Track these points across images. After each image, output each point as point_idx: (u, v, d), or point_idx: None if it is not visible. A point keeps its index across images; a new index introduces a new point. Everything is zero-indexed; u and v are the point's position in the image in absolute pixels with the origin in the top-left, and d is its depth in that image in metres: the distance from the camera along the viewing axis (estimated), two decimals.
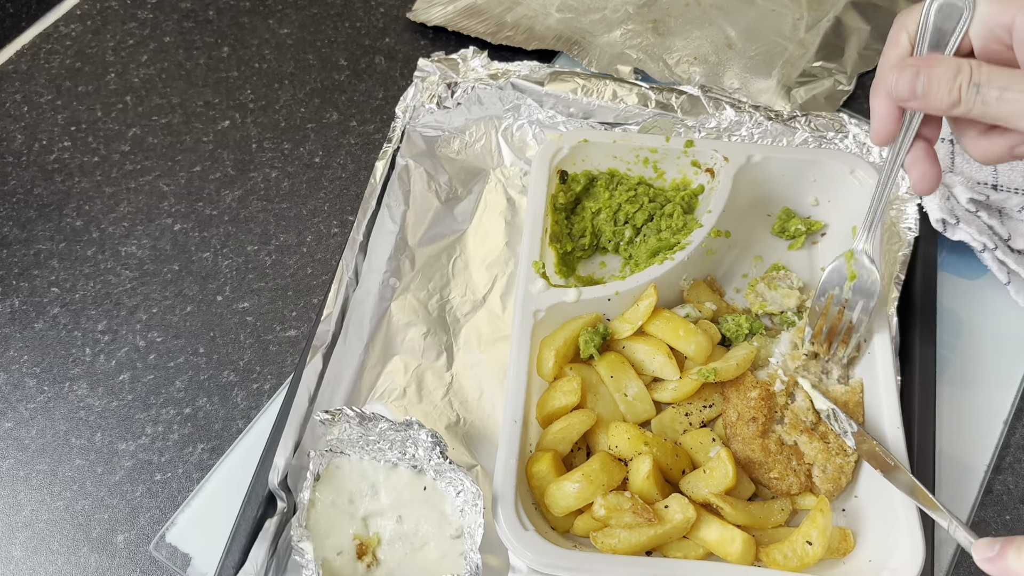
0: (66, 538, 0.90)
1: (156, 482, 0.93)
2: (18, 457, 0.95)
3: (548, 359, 0.90)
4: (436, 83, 1.13)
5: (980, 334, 1.01)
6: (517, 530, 0.79)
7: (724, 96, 1.11)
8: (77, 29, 1.31)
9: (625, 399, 0.90)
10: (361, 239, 1.00)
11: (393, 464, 0.85)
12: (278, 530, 0.84)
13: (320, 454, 0.85)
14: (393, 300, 1.00)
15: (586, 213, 1.05)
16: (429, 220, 1.06)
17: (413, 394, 0.94)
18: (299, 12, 1.34)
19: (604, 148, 1.05)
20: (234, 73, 1.27)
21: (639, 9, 1.31)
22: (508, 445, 0.84)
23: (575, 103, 1.12)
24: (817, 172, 1.02)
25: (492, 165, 1.12)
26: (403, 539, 0.83)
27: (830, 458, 0.86)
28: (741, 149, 1.02)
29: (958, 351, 1.00)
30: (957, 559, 0.88)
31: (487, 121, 1.13)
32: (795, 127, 1.09)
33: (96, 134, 1.20)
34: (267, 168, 1.17)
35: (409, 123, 1.11)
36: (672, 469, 0.86)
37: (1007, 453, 0.94)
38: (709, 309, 0.97)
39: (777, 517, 0.84)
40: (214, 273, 1.08)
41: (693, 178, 1.05)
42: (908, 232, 1.00)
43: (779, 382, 0.89)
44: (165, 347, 1.02)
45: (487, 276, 1.03)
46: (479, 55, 1.15)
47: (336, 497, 0.84)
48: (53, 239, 1.10)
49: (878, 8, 1.31)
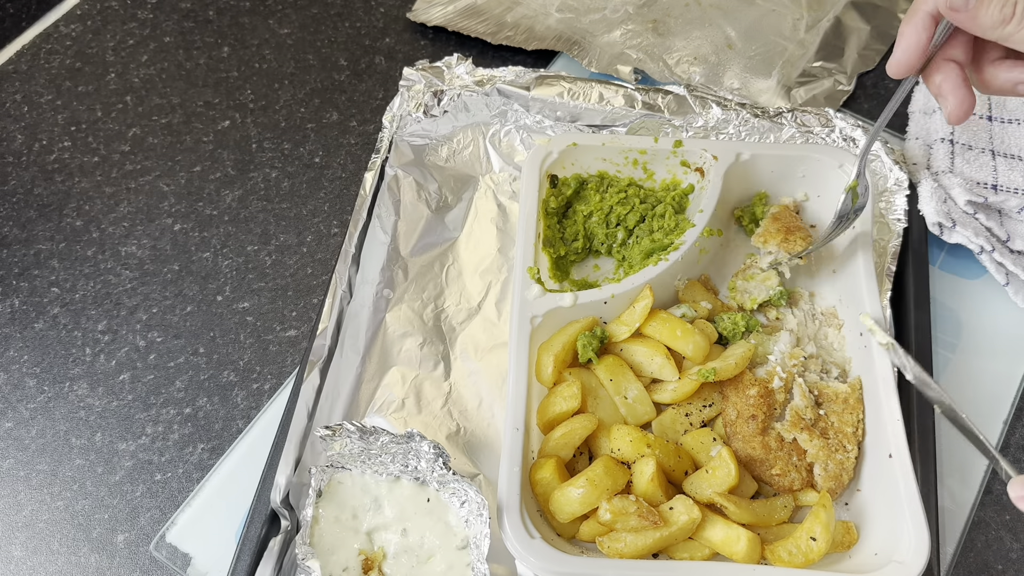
0: (66, 538, 0.90)
1: (156, 482, 0.93)
2: (18, 457, 0.95)
3: (547, 365, 0.90)
4: (422, 91, 1.12)
5: (979, 334, 1.01)
6: (523, 538, 0.78)
7: (710, 94, 1.11)
8: (77, 29, 1.31)
9: (625, 402, 0.90)
10: (353, 251, 1.00)
11: (395, 477, 0.85)
12: (282, 549, 0.83)
13: (321, 470, 0.84)
14: (388, 311, 0.99)
15: (578, 216, 1.05)
16: (420, 229, 1.06)
17: (412, 405, 0.94)
18: (299, 12, 1.34)
19: (593, 151, 1.05)
20: (234, 73, 1.27)
21: (639, 9, 1.31)
22: (510, 453, 0.83)
23: (562, 107, 1.12)
24: (805, 168, 1.02)
25: (481, 172, 1.11)
26: (408, 552, 0.82)
27: (831, 455, 0.86)
28: (730, 147, 1.02)
29: (958, 351, 1.00)
30: (962, 546, 0.88)
31: (474, 128, 1.13)
32: (781, 123, 1.10)
33: (96, 134, 1.20)
34: (267, 168, 1.17)
35: (396, 132, 1.11)
36: (675, 470, 0.86)
37: (1007, 453, 0.94)
38: (705, 308, 0.97)
39: (780, 514, 0.84)
40: (214, 273, 1.08)
41: (683, 178, 1.05)
42: (897, 223, 1.01)
43: (777, 379, 0.90)
44: (165, 347, 1.02)
45: (481, 283, 1.02)
46: (463, 61, 1.14)
47: (339, 513, 0.84)
48: (53, 239, 1.10)
49: (878, 8, 1.31)
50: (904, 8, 1.31)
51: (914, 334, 0.94)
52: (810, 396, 0.89)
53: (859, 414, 0.88)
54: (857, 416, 0.88)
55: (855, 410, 0.88)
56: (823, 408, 0.90)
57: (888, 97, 1.21)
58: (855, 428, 0.88)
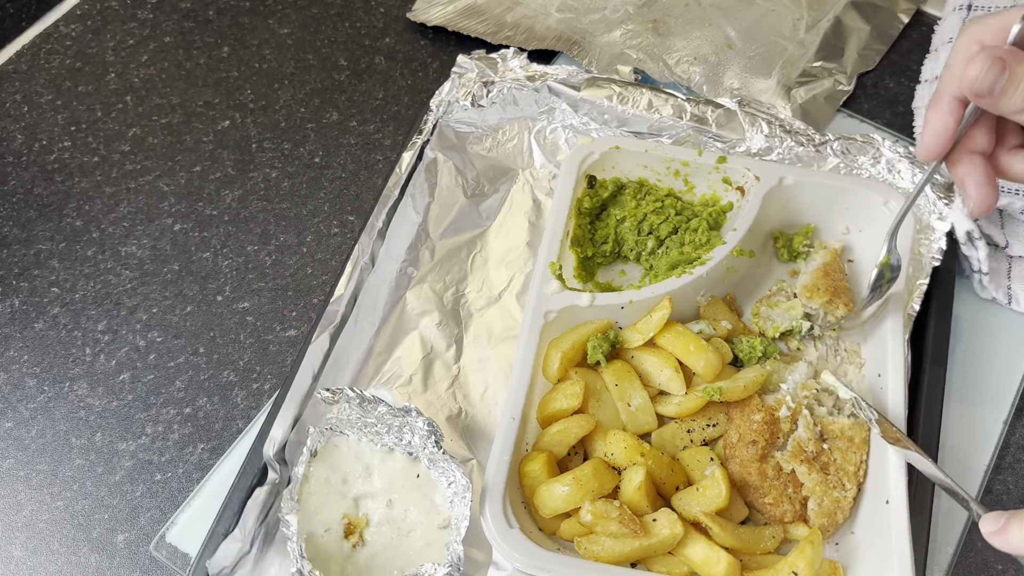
0: (66, 538, 0.90)
1: (156, 482, 0.93)
2: (18, 457, 0.95)
3: (554, 360, 0.90)
4: (473, 80, 1.13)
5: (980, 334, 1.01)
6: (502, 526, 0.79)
7: (761, 112, 1.09)
8: (77, 29, 1.31)
9: (628, 408, 0.89)
10: (380, 226, 1.01)
11: (389, 449, 0.86)
12: (268, 499, 0.86)
13: (320, 431, 0.86)
14: (409, 289, 1.01)
15: (611, 220, 1.04)
16: (454, 214, 1.07)
17: (419, 382, 0.95)
18: (299, 12, 1.34)
19: (635, 157, 1.03)
20: (234, 73, 1.27)
21: (639, 9, 1.31)
22: (503, 441, 0.84)
23: (610, 111, 1.12)
24: (850, 200, 0.99)
25: (522, 165, 1.12)
26: (391, 523, 0.84)
27: (828, 491, 0.84)
28: (774, 170, 1.00)
29: (958, 351, 1.00)
30: (962, 545, 0.88)
31: (521, 122, 1.14)
32: (827, 152, 1.06)
33: (96, 134, 1.20)
34: (267, 168, 1.17)
35: (442, 117, 1.12)
36: (666, 484, 0.85)
37: (1007, 453, 0.94)
38: (724, 328, 0.95)
39: (767, 544, 0.83)
40: (214, 273, 1.08)
41: (723, 195, 1.03)
42: (932, 261, 0.97)
43: (785, 408, 0.87)
44: (165, 347, 1.02)
45: (505, 274, 1.03)
46: (519, 56, 1.15)
47: (330, 475, 0.85)
48: (53, 239, 1.10)
49: (878, 8, 1.31)
50: (904, 8, 1.31)
51: (926, 392, 0.91)
52: (815, 429, 0.87)
53: (863, 454, 0.85)
54: (861, 456, 0.85)
55: (860, 450, 0.86)
56: (828, 443, 0.87)
57: (888, 97, 1.22)
58: (857, 468, 0.85)
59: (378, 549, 0.83)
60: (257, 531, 0.85)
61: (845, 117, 1.20)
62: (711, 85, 1.21)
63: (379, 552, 0.83)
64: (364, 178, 1.16)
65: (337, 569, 0.82)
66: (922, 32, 1.29)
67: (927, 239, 0.99)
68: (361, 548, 0.83)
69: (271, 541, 0.86)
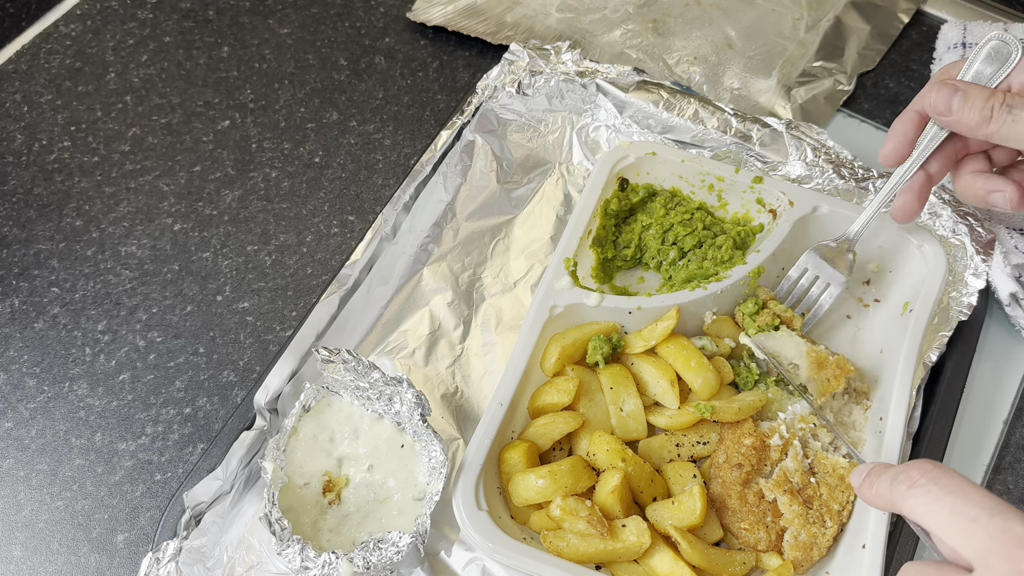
0: (66, 538, 0.90)
1: (156, 482, 0.93)
2: (18, 457, 0.95)
3: (552, 354, 0.90)
4: (523, 69, 1.13)
5: (981, 334, 1.01)
6: (470, 506, 0.80)
7: (807, 137, 1.07)
8: (77, 29, 1.31)
9: (619, 413, 0.89)
10: (407, 199, 1.03)
11: (379, 416, 0.88)
12: (255, 444, 0.89)
13: (316, 388, 0.87)
14: (427, 265, 1.03)
15: (636, 225, 1.04)
16: (483, 198, 1.08)
17: (421, 357, 0.97)
18: (299, 12, 1.34)
19: (671, 165, 1.03)
20: (234, 73, 1.27)
21: (639, 9, 1.31)
22: (487, 425, 0.85)
23: (654, 116, 1.11)
24: (884, 239, 0.97)
25: (560, 159, 1.13)
26: (369, 487, 0.86)
27: (807, 525, 0.83)
28: (810, 197, 0.98)
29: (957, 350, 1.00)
30: None
31: (565, 116, 1.14)
32: (868, 188, 1.04)
33: (96, 134, 1.20)
34: (267, 168, 1.17)
35: (486, 101, 1.12)
36: (644, 493, 0.85)
37: (1007, 453, 0.94)
38: (727, 346, 0.94)
39: (735, 569, 0.82)
40: (214, 273, 1.08)
41: (755, 215, 1.02)
42: (959, 315, 0.95)
43: (778, 436, 0.87)
44: (165, 347, 1.02)
45: (524, 264, 1.04)
46: (573, 50, 1.15)
47: (319, 432, 0.87)
48: (53, 239, 1.10)
49: (878, 8, 1.31)
50: (904, 8, 1.31)
51: (927, 443, 0.90)
52: (804, 462, 0.86)
53: (852, 495, 0.84)
54: (848, 496, 0.84)
55: (848, 490, 0.84)
56: (817, 478, 0.85)
57: (888, 97, 1.22)
58: (842, 507, 0.84)
59: (352, 510, 0.85)
60: (240, 473, 0.88)
61: (845, 117, 1.20)
62: (711, 85, 1.21)
63: (353, 513, 0.85)
64: (364, 178, 1.16)
65: (309, 521, 0.84)
66: (922, 32, 1.29)
67: (957, 291, 0.96)
68: (337, 506, 0.85)
69: (251, 485, 0.89)
